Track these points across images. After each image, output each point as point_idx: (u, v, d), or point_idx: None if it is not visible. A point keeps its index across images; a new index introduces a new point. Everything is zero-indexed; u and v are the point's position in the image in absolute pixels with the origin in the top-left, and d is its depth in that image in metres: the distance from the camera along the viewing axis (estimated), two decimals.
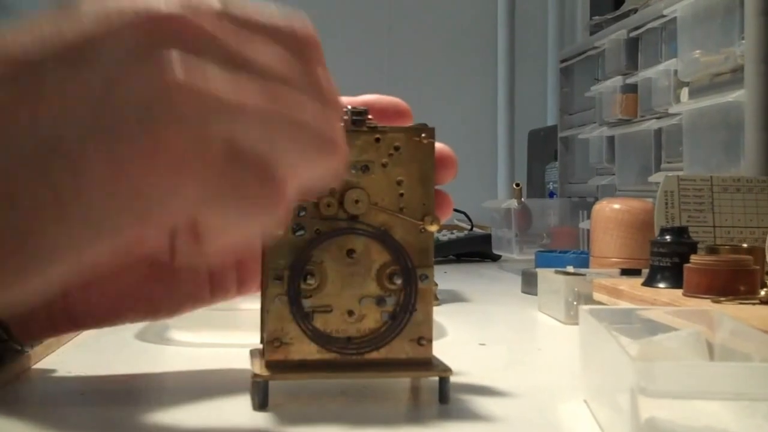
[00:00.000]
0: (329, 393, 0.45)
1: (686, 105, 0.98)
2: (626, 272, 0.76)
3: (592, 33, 1.39)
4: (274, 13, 0.33)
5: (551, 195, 1.55)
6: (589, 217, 0.97)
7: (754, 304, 0.56)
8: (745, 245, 0.67)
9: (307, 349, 0.42)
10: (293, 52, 0.32)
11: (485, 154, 2.10)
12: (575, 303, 0.71)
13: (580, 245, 1.20)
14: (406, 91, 0.62)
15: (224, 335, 0.59)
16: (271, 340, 0.42)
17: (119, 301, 0.46)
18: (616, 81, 1.18)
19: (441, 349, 0.45)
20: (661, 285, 0.65)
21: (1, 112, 0.29)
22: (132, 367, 0.52)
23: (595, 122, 1.30)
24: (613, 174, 1.23)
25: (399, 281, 0.43)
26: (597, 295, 0.69)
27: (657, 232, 0.71)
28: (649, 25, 1.10)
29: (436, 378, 0.43)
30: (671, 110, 1.02)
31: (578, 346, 0.46)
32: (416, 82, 2.12)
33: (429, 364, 0.43)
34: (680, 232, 0.66)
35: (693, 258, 0.61)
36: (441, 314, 0.72)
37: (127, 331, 0.62)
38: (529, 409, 0.43)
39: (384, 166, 0.43)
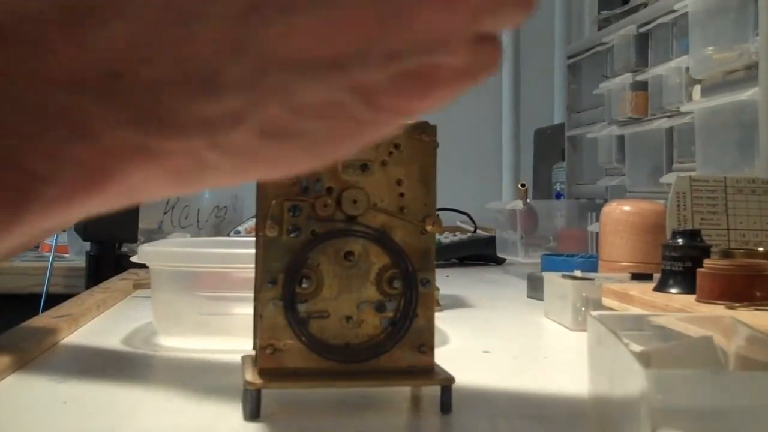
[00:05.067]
0: (326, 403, 0.43)
1: (698, 103, 0.97)
2: (637, 277, 0.74)
3: (600, 28, 1.37)
4: None
5: (558, 196, 1.53)
6: (597, 219, 0.95)
7: None
8: (760, 249, 0.66)
9: (302, 357, 0.41)
10: None
11: (489, 153, 2.08)
12: (583, 309, 0.70)
13: (589, 248, 1.18)
14: None
15: (214, 341, 0.57)
16: (264, 347, 0.40)
17: None
18: (626, 78, 1.17)
19: (443, 357, 0.43)
20: (673, 290, 0.63)
21: None
22: (118, 376, 0.51)
23: (603, 121, 1.29)
24: (623, 174, 1.22)
25: (399, 285, 0.41)
26: (606, 301, 0.68)
27: (669, 235, 0.70)
28: (660, 20, 1.08)
29: (438, 387, 0.41)
30: (683, 109, 1.00)
31: (586, 353, 0.44)
32: None
33: (431, 372, 0.42)
34: (693, 235, 0.65)
35: (706, 262, 0.59)
36: (443, 320, 0.71)
37: (113, 337, 0.61)
38: (534, 420, 0.42)
39: (384, 164, 0.41)
